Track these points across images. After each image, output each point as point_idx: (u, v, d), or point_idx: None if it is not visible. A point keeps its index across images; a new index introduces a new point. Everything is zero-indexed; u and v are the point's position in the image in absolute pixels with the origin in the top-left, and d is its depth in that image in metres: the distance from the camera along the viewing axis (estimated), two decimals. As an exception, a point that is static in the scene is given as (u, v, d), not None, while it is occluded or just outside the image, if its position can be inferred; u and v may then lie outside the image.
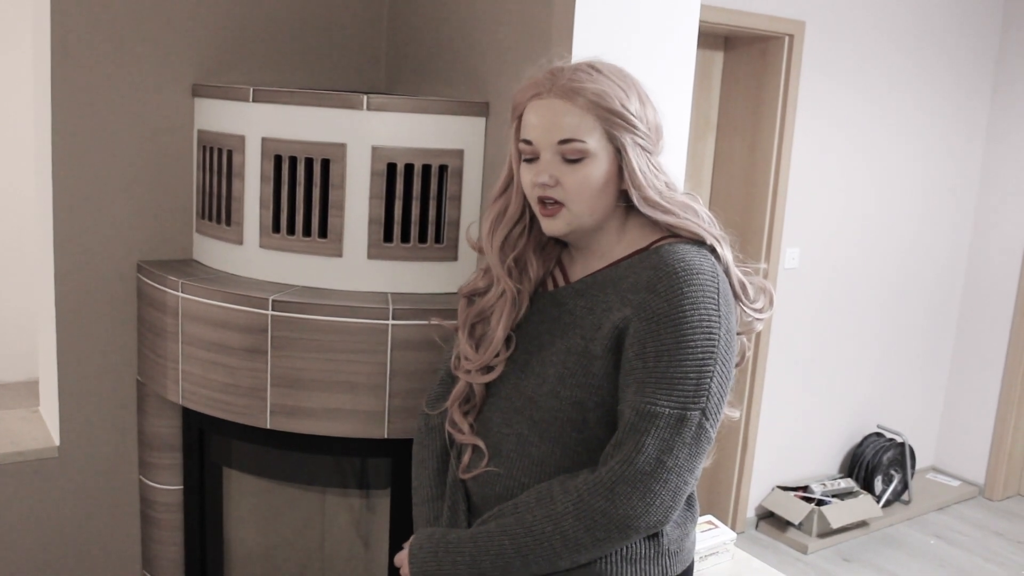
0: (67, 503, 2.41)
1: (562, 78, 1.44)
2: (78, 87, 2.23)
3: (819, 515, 4.26)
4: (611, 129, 1.43)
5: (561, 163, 1.45)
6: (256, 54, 2.42)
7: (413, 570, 1.55)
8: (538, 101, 1.46)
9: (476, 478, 1.58)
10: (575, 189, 1.45)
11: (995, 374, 4.92)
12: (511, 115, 1.53)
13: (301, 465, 2.34)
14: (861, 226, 4.47)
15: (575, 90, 1.43)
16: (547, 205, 1.48)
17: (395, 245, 2.12)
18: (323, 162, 2.09)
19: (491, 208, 1.60)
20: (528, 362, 1.54)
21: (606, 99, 1.42)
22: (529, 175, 1.49)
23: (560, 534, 1.41)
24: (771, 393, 4.31)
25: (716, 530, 2.22)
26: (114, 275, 2.34)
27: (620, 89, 1.44)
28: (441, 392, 1.70)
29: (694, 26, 2.07)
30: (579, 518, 1.40)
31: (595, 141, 1.44)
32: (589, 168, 1.44)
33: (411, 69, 2.49)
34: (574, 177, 1.45)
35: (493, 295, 1.59)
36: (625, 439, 1.40)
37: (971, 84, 4.73)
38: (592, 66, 1.46)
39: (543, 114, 1.45)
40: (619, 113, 1.43)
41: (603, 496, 1.39)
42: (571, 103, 1.43)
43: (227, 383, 2.09)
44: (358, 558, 2.60)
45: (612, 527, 1.39)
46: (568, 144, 1.43)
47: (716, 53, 4.12)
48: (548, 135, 1.44)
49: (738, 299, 1.51)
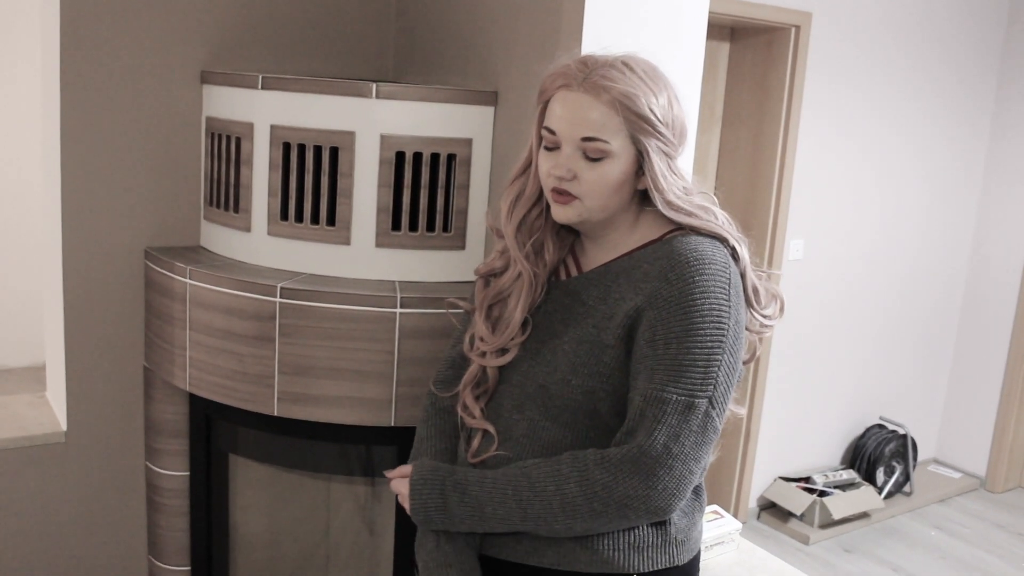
0: (73, 488, 2.42)
1: (594, 73, 1.42)
2: (87, 73, 2.23)
3: (821, 506, 4.27)
4: (636, 132, 1.43)
5: (581, 158, 1.45)
6: (264, 42, 2.42)
7: (414, 503, 1.53)
8: (567, 92, 1.45)
9: (485, 462, 1.58)
10: (591, 186, 1.45)
11: (997, 366, 4.93)
12: (537, 98, 1.51)
13: (307, 452, 2.35)
14: (865, 218, 4.47)
15: (605, 88, 1.41)
16: (561, 194, 1.48)
17: (403, 234, 2.13)
18: (332, 150, 2.09)
19: (509, 189, 1.60)
20: (540, 350, 1.54)
21: (635, 102, 1.41)
22: (547, 164, 1.48)
23: (560, 495, 1.41)
24: (774, 384, 4.32)
25: (721, 520, 2.22)
26: (122, 261, 2.34)
27: (651, 91, 1.43)
28: (451, 375, 1.69)
29: (703, 18, 2.07)
30: (581, 485, 1.40)
31: (618, 142, 1.43)
32: (608, 167, 1.44)
33: (419, 58, 2.49)
34: (592, 175, 1.45)
35: (510, 276, 1.59)
36: (636, 426, 1.40)
37: (975, 79, 4.72)
38: (626, 64, 1.44)
39: (570, 107, 1.44)
40: (646, 118, 1.42)
41: (607, 471, 1.39)
42: (599, 100, 1.42)
43: (234, 370, 2.10)
44: (363, 545, 2.61)
45: (611, 502, 1.39)
46: (591, 142, 1.43)
47: (722, 44, 4.12)
48: (573, 130, 1.44)
49: (750, 305, 1.51)
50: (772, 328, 1.58)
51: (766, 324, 1.56)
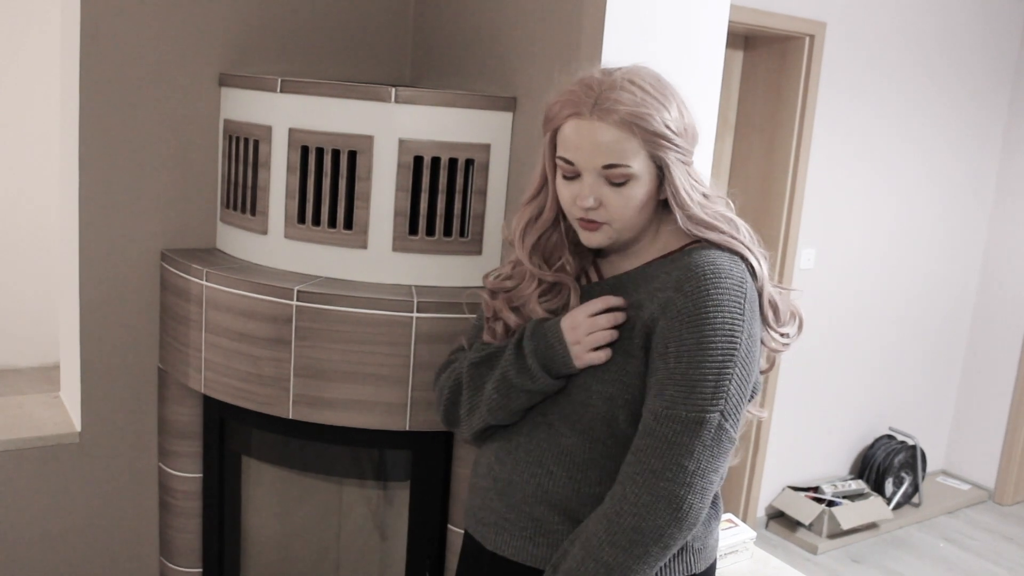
0: (87, 488, 2.42)
1: (604, 99, 1.40)
2: (106, 75, 2.23)
3: (829, 516, 4.26)
4: (654, 150, 1.42)
5: (604, 184, 1.44)
6: (283, 45, 2.43)
7: None
8: (579, 121, 1.43)
9: (503, 463, 1.58)
10: (619, 211, 1.45)
11: (1007, 378, 4.91)
12: (543, 126, 1.50)
13: (320, 455, 2.35)
14: (877, 228, 4.46)
15: (617, 112, 1.40)
16: (589, 221, 1.47)
17: (420, 238, 2.13)
18: (350, 154, 2.09)
19: (523, 212, 1.59)
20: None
21: (649, 121, 1.40)
22: (569, 193, 1.47)
23: (604, 567, 1.40)
24: (783, 393, 4.31)
25: (736, 528, 2.22)
26: (138, 263, 2.35)
27: (661, 105, 1.42)
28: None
29: (723, 26, 2.07)
30: (614, 544, 1.39)
31: (639, 163, 1.42)
32: (633, 190, 1.44)
33: (437, 63, 2.50)
34: (618, 200, 1.44)
35: (527, 290, 1.59)
36: (643, 445, 1.40)
37: (988, 92, 4.71)
38: (632, 81, 1.42)
39: (586, 137, 1.42)
40: (662, 134, 1.41)
41: (631, 514, 1.38)
42: (615, 127, 1.40)
43: (250, 372, 2.10)
44: (374, 550, 2.61)
45: (649, 542, 1.38)
46: (613, 169, 1.42)
47: (736, 52, 4.12)
48: (592, 159, 1.42)
49: (766, 323, 1.50)
50: (790, 346, 1.57)
51: (784, 343, 1.56)
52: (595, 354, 1.47)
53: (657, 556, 1.40)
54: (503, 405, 1.55)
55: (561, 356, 1.49)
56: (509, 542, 1.56)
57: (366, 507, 2.62)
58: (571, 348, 1.48)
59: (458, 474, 2.16)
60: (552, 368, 1.50)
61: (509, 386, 1.54)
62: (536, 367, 1.50)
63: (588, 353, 1.47)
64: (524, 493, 1.54)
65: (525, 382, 1.51)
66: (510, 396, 1.54)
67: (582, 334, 1.48)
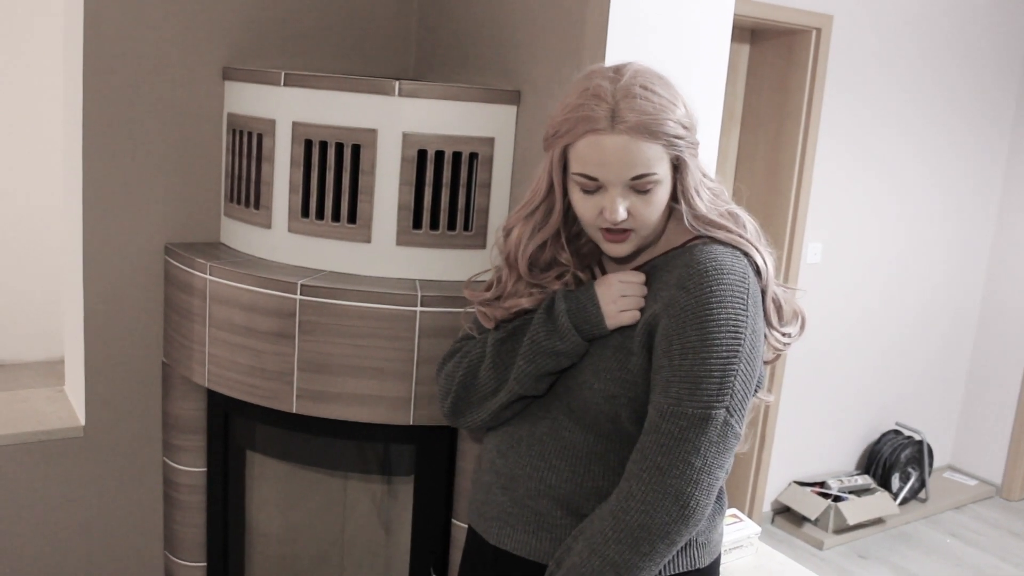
0: (91, 483, 2.42)
1: (620, 109, 1.37)
2: (109, 69, 2.23)
3: (836, 511, 4.25)
4: (673, 151, 1.41)
5: (631, 194, 1.42)
6: (286, 39, 2.42)
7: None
8: (598, 137, 1.39)
9: (506, 457, 1.58)
10: (647, 216, 1.44)
11: (1014, 373, 4.89)
12: (551, 142, 1.46)
13: (325, 450, 2.35)
14: (884, 223, 4.45)
15: (641, 122, 1.37)
16: (614, 232, 1.45)
17: (424, 232, 2.12)
18: (353, 147, 2.09)
19: (522, 226, 1.55)
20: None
21: (667, 125, 1.38)
22: (593, 207, 1.44)
23: (610, 564, 1.39)
24: (790, 388, 4.30)
25: (740, 523, 2.21)
26: (142, 257, 2.34)
27: (672, 104, 1.40)
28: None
29: (728, 19, 2.06)
30: (620, 541, 1.39)
31: (663, 168, 1.41)
32: (659, 194, 1.43)
33: (441, 57, 2.49)
34: (647, 208, 1.43)
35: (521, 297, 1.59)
36: (649, 442, 1.39)
37: (996, 87, 4.69)
38: (644, 86, 1.39)
39: (610, 152, 1.38)
40: (679, 135, 1.40)
41: (637, 510, 1.38)
42: (639, 138, 1.37)
43: (254, 366, 2.10)
44: (379, 544, 2.61)
45: (655, 539, 1.38)
46: (642, 179, 1.40)
47: (742, 46, 4.10)
48: (620, 174, 1.40)
49: (769, 321, 1.49)
50: (791, 346, 1.57)
51: (786, 343, 1.55)
52: (627, 314, 1.47)
53: (663, 553, 1.40)
54: (528, 372, 1.54)
55: (594, 316, 1.49)
56: (512, 536, 1.56)
57: (370, 501, 2.62)
58: (604, 308, 1.48)
59: (462, 468, 2.16)
60: (584, 328, 1.49)
61: (537, 349, 1.52)
62: (567, 326, 1.49)
63: (621, 313, 1.48)
64: (527, 487, 1.54)
65: (555, 343, 1.50)
66: (536, 361, 1.52)
67: (617, 294, 1.48)
